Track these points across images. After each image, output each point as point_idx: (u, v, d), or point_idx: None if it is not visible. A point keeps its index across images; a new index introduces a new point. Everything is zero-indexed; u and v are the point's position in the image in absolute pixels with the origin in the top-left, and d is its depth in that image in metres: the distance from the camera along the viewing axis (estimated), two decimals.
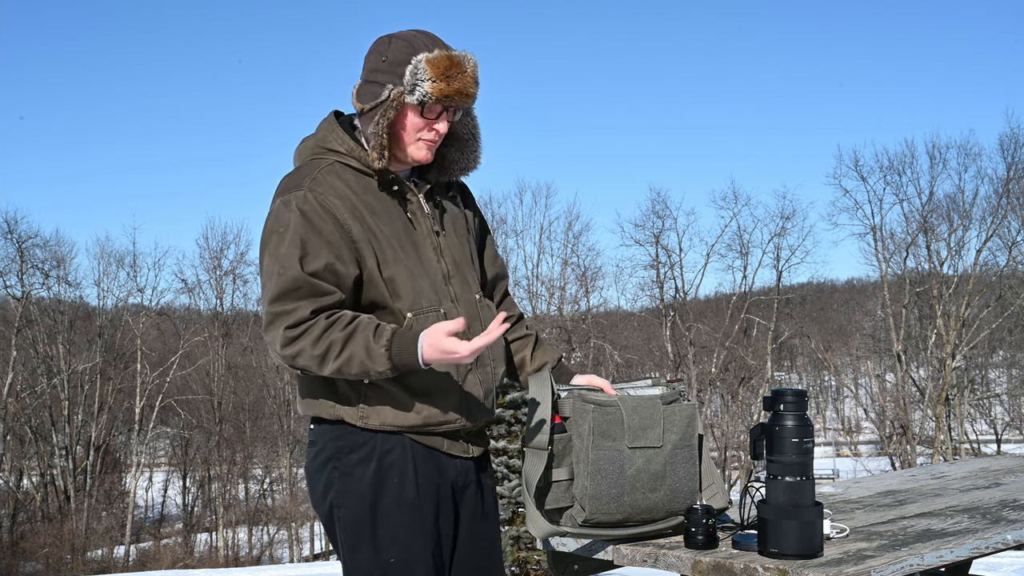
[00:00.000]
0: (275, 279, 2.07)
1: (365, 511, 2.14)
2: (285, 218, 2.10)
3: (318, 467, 2.20)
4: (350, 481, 2.15)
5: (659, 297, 35.50)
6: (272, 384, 37.29)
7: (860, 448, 49.16)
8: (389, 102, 2.14)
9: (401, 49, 2.15)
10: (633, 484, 2.24)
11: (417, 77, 2.12)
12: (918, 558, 2.08)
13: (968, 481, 3.28)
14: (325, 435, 2.19)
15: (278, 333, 2.05)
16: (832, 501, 2.93)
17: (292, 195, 2.12)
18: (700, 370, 34.39)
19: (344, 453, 2.16)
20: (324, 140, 2.22)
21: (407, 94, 2.13)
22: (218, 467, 35.31)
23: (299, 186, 2.13)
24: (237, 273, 38.61)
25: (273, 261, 2.08)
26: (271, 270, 2.08)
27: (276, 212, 2.13)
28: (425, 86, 2.12)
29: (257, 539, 35.14)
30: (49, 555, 27.72)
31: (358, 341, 2.04)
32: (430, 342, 2.04)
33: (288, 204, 2.11)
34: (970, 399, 34.45)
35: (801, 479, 2.06)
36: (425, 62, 2.11)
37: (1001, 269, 31.71)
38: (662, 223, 36.34)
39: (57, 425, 33.40)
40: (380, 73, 2.16)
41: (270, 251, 2.10)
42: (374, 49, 2.21)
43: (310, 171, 2.16)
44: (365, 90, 2.18)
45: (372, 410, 2.14)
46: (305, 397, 2.23)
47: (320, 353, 2.03)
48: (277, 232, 2.10)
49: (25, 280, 33.93)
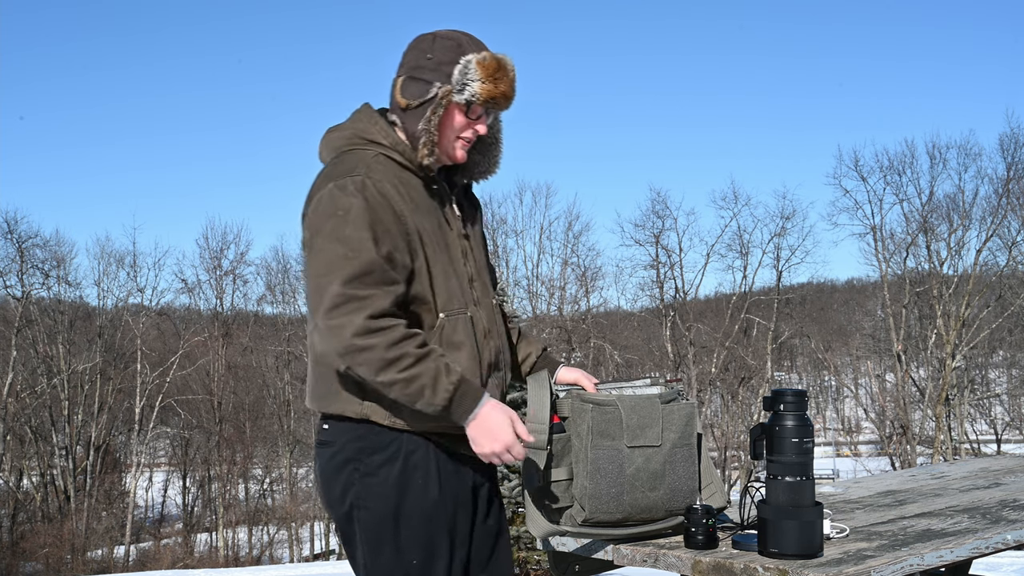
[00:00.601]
0: (346, 261, 2.00)
1: (389, 512, 2.11)
2: (345, 202, 2.04)
3: (335, 468, 2.16)
4: (373, 482, 2.12)
5: (659, 297, 35.52)
6: (272, 384, 37.31)
7: (860, 448, 49.16)
8: (438, 100, 2.13)
9: (448, 48, 2.15)
10: (632, 483, 2.23)
11: (467, 77, 2.13)
12: (918, 558, 2.08)
13: (968, 481, 3.27)
14: (344, 435, 2.15)
15: (356, 319, 1.98)
16: (832, 501, 2.93)
17: (348, 180, 2.06)
18: (700, 370, 34.39)
19: (367, 454, 2.12)
20: (365, 131, 2.18)
21: (455, 93, 2.14)
22: (218, 467, 35.32)
23: (354, 172, 2.08)
24: (237, 273, 38.69)
25: (338, 243, 2.02)
26: (337, 252, 2.01)
27: (331, 196, 2.06)
28: (474, 86, 2.13)
29: (257, 539, 35.15)
30: (49, 555, 27.72)
31: (429, 365, 2.01)
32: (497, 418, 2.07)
33: (345, 188, 2.05)
34: (970, 399, 34.45)
35: (801, 479, 2.06)
36: (476, 63, 2.13)
37: (1001, 269, 31.72)
38: (662, 223, 36.43)
39: (57, 425, 33.40)
40: (426, 71, 2.15)
41: (329, 233, 2.03)
42: (415, 46, 2.20)
43: (361, 158, 2.13)
44: (410, 86, 2.16)
45: (404, 411, 2.11)
46: (324, 393, 2.16)
47: (391, 358, 1.98)
48: (336, 216, 2.03)
49: (25, 280, 33.98)
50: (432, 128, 2.14)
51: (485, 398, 2.07)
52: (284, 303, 39.53)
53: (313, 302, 2.04)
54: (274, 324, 39.71)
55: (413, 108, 2.15)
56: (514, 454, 2.07)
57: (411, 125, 2.16)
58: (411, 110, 2.16)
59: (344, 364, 2.02)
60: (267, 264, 41.60)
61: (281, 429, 36.24)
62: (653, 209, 37.18)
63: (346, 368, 2.02)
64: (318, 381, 2.17)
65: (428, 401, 2.02)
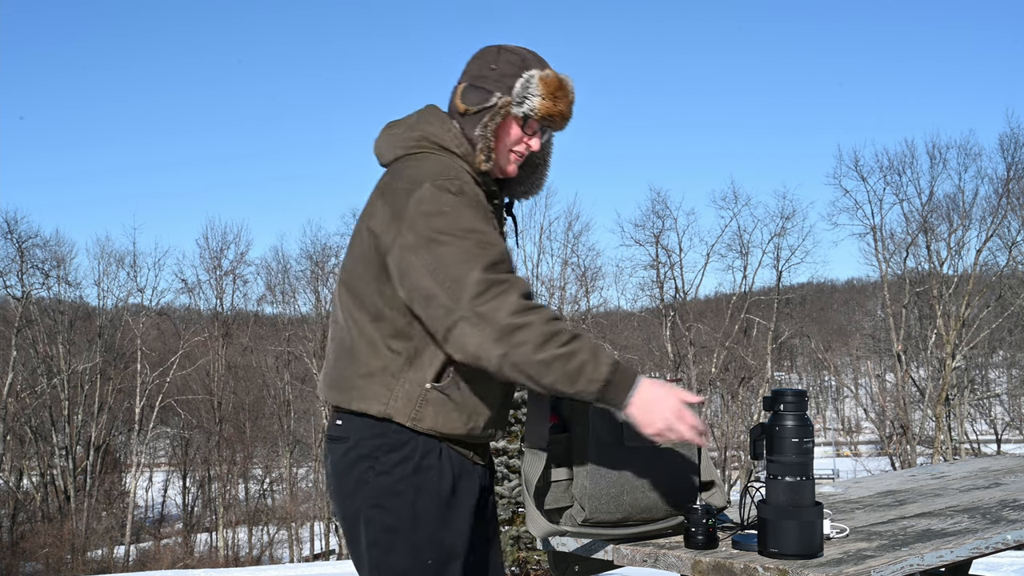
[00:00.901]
0: (480, 250, 1.99)
1: (404, 511, 2.10)
2: (449, 200, 2.04)
3: (349, 464, 2.14)
4: (389, 481, 2.10)
5: (659, 297, 35.52)
6: (272, 384, 37.32)
7: (860, 448, 49.18)
8: (496, 108, 2.17)
9: (512, 62, 2.19)
10: (632, 483, 2.24)
11: (528, 91, 2.17)
12: (918, 558, 2.08)
13: (968, 481, 3.27)
14: (360, 431, 2.13)
15: (509, 299, 1.96)
16: (832, 501, 2.93)
17: (448, 181, 2.07)
18: (700, 370, 34.40)
19: (383, 452, 2.11)
20: (436, 136, 2.19)
21: (514, 105, 2.17)
22: (218, 467, 35.32)
23: (449, 175, 2.09)
24: (237, 273, 38.68)
25: (463, 237, 2.00)
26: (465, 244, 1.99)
27: (435, 196, 2.04)
28: (534, 101, 2.17)
29: (257, 539, 35.15)
30: (49, 555, 27.72)
31: (585, 341, 1.98)
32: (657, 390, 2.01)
33: (447, 188, 2.05)
34: (970, 399, 34.45)
35: (801, 479, 2.06)
36: (538, 78, 2.17)
37: (1001, 269, 31.72)
38: (662, 223, 36.40)
39: (57, 425, 33.40)
40: (489, 81, 2.18)
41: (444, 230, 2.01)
42: (480, 56, 2.23)
43: (448, 164, 2.14)
44: (470, 94, 2.19)
45: (426, 413, 2.10)
46: (347, 387, 2.14)
47: (550, 332, 1.94)
48: (443, 213, 2.02)
49: (25, 280, 33.99)
50: (489, 134, 2.17)
51: (639, 379, 2.02)
52: (284, 303, 39.55)
53: (449, 296, 1.98)
54: (274, 324, 39.70)
55: (472, 114, 2.19)
56: (688, 422, 2.01)
57: (469, 130, 2.19)
58: (469, 115, 2.19)
59: (500, 349, 1.94)
60: (267, 264, 41.60)
61: (281, 429, 36.24)
62: (653, 209, 37.21)
63: (501, 355, 1.94)
64: (344, 375, 2.15)
65: (590, 376, 1.96)
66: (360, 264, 2.13)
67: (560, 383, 1.97)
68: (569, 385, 1.97)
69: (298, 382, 36.85)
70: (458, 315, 1.97)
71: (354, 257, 2.16)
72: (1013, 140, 31.87)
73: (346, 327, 2.16)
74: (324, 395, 2.22)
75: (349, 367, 2.14)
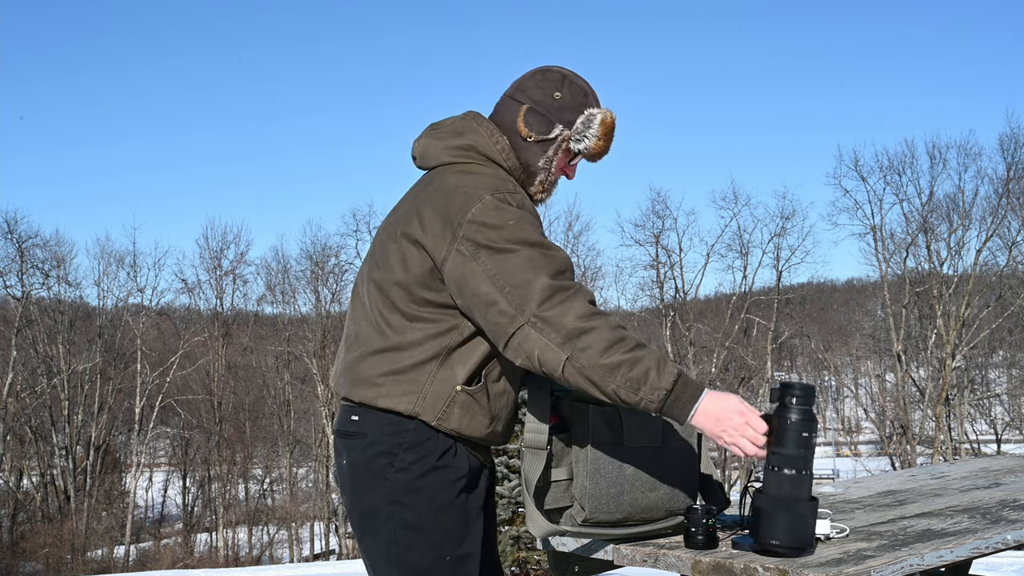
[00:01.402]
0: (546, 259, 2.02)
1: (424, 508, 2.12)
2: (513, 212, 2.06)
3: (367, 460, 2.15)
4: (407, 478, 2.12)
5: (659, 297, 35.53)
6: (272, 384, 37.33)
7: (860, 448, 49.19)
8: (559, 142, 2.22)
9: (576, 95, 2.23)
10: (632, 483, 2.24)
11: (589, 131, 2.22)
12: (918, 558, 2.08)
13: (968, 481, 3.27)
14: (380, 427, 2.15)
15: (576, 304, 1.98)
16: (832, 501, 2.93)
17: (508, 195, 2.09)
18: (700, 370, 34.40)
19: (402, 449, 2.13)
20: (484, 147, 2.21)
21: (572, 141, 2.22)
22: (218, 467, 35.33)
23: (507, 187, 2.12)
24: (237, 273, 38.70)
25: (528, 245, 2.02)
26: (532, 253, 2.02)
27: (497, 206, 2.06)
28: (591, 141, 2.22)
29: (257, 539, 35.17)
30: (49, 555, 27.73)
31: (651, 348, 2.00)
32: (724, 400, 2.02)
33: (508, 200, 2.08)
34: (970, 399, 34.45)
35: (801, 473, 2.06)
36: (599, 119, 2.22)
37: (1001, 269, 31.73)
38: (662, 223, 36.48)
39: (57, 425, 33.41)
40: (552, 110, 2.21)
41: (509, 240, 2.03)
42: (544, 79, 2.25)
43: (505, 176, 2.19)
44: (533, 119, 2.22)
45: (452, 414, 2.13)
46: (373, 385, 2.15)
47: (616, 338, 1.95)
48: (508, 225, 2.04)
49: (25, 280, 34.01)
50: (553, 168, 2.23)
51: (705, 392, 2.03)
52: (284, 303, 39.55)
53: (514, 303, 1.98)
54: (274, 324, 39.71)
55: (533, 141, 2.22)
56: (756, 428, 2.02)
57: (527, 157, 2.23)
58: (529, 142, 2.22)
59: (565, 353, 1.95)
60: (267, 264, 41.66)
61: (281, 429, 36.25)
62: (653, 209, 37.26)
63: (565, 360, 1.95)
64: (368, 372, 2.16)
65: (653, 384, 1.95)
66: (397, 268, 2.13)
67: (623, 390, 1.96)
68: (633, 392, 1.96)
69: (298, 382, 36.85)
70: (522, 320, 1.98)
71: (388, 259, 2.16)
72: (1013, 140, 31.98)
73: (376, 326, 2.16)
74: (345, 391, 2.21)
75: (377, 365, 2.15)
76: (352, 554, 29.67)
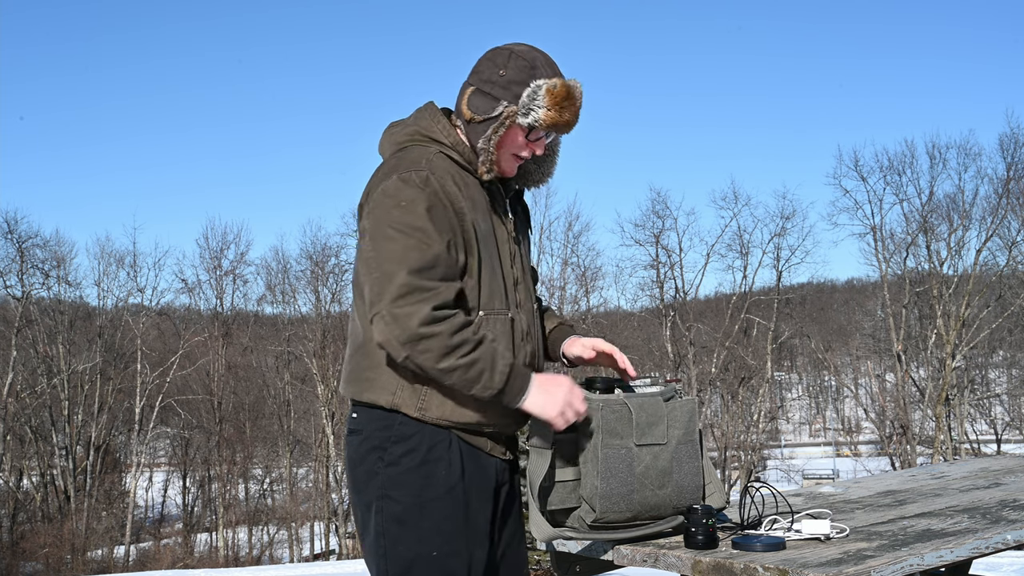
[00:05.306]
0: (414, 252, 2.04)
1: (411, 502, 2.12)
2: (409, 194, 2.07)
3: (362, 455, 2.18)
4: (397, 471, 2.13)
5: (659, 297, 35.50)
6: (272, 384, 37.30)
7: (860, 448, 49.15)
8: (502, 119, 2.17)
9: (521, 68, 2.17)
10: (642, 481, 2.23)
11: (534, 102, 2.15)
12: (918, 558, 2.08)
13: (968, 481, 3.27)
14: (372, 423, 2.17)
15: (421, 309, 2.01)
16: (832, 501, 2.93)
17: (413, 173, 2.09)
18: (700, 370, 34.39)
19: (391, 443, 2.14)
20: (427, 129, 2.22)
21: (519, 115, 2.17)
22: (218, 467, 35.31)
23: (417, 166, 2.11)
24: (237, 273, 38.66)
25: (405, 234, 2.05)
26: (405, 243, 2.04)
27: (396, 188, 2.08)
28: (539, 113, 2.15)
29: (257, 539, 35.16)
30: (49, 555, 27.72)
31: (486, 349, 2.06)
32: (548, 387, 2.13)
33: (409, 181, 2.08)
34: (970, 399, 34.42)
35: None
36: (545, 89, 2.15)
37: (1001, 269, 31.70)
38: (662, 223, 36.38)
39: (57, 425, 33.39)
40: (496, 87, 2.18)
41: (393, 223, 2.06)
42: (490, 58, 2.21)
43: (423, 154, 2.15)
44: (477, 100, 2.19)
45: (432, 403, 2.14)
46: (359, 380, 2.19)
47: (453, 345, 2.02)
48: (399, 206, 2.06)
49: (25, 280, 33.97)
50: (491, 147, 2.18)
51: (534, 375, 2.14)
52: (284, 303, 39.52)
53: (375, 290, 2.05)
54: (274, 324, 39.68)
55: (477, 122, 2.19)
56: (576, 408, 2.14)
57: (472, 137, 2.21)
58: (474, 123, 2.19)
59: (405, 352, 2.03)
60: (267, 264, 41.60)
61: (281, 429, 36.23)
62: (653, 209, 37.18)
63: (405, 357, 2.03)
64: (356, 368, 2.20)
65: (486, 384, 2.06)
66: (359, 259, 2.17)
67: (458, 386, 2.08)
68: (467, 389, 2.08)
69: (298, 382, 36.83)
70: (376, 311, 2.04)
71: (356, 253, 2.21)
72: (1013, 140, 31.85)
73: (357, 322, 2.21)
74: (341, 389, 2.26)
75: (361, 360, 2.19)
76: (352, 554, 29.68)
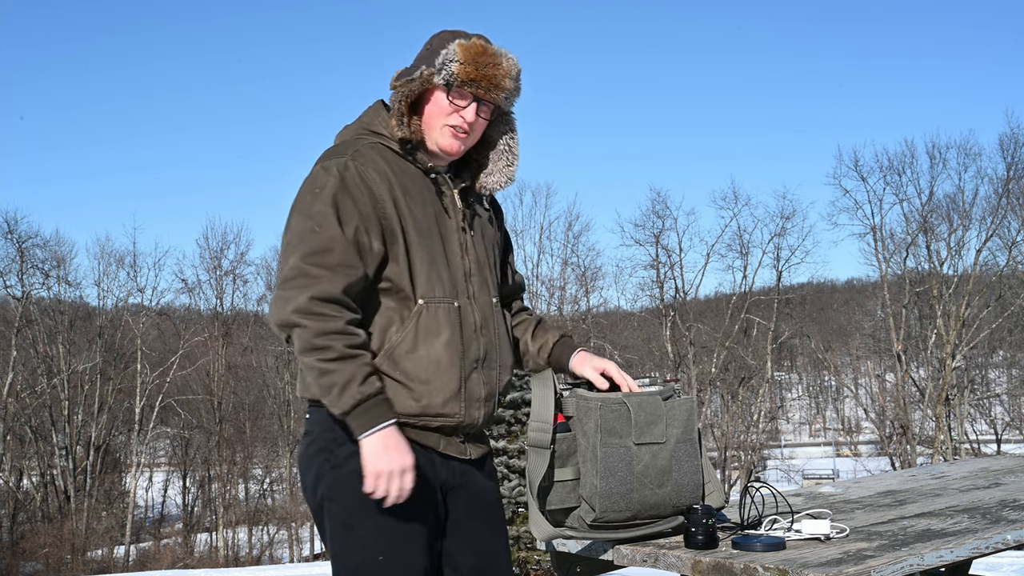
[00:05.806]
0: (309, 236, 2.06)
1: (355, 506, 2.09)
2: (323, 180, 2.12)
3: (309, 457, 2.17)
4: (341, 474, 2.10)
5: (659, 297, 35.50)
6: (272, 384, 37.29)
7: (860, 448, 49.15)
8: (417, 79, 2.17)
9: (445, 39, 2.20)
10: (641, 481, 2.23)
11: (447, 58, 2.16)
12: (918, 558, 2.08)
13: (968, 481, 3.27)
14: (320, 424, 2.15)
15: (300, 295, 2.03)
16: (832, 501, 2.93)
17: (333, 161, 2.14)
18: (700, 370, 34.38)
19: (337, 444, 2.12)
20: (368, 123, 2.25)
21: (436, 75, 2.17)
22: (218, 467, 35.31)
23: (342, 154, 2.15)
24: (237, 273, 38.69)
25: (305, 219, 2.09)
26: (304, 227, 2.08)
27: (314, 175, 2.14)
28: (452, 67, 2.15)
29: (257, 539, 35.14)
30: (49, 555, 27.71)
31: (348, 367, 2.02)
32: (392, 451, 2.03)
33: (328, 169, 2.13)
34: (970, 399, 34.41)
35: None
36: (457, 45, 2.16)
37: (1001, 269, 31.70)
38: (662, 223, 36.40)
39: (57, 425, 33.39)
40: (421, 58, 2.22)
41: (301, 209, 2.11)
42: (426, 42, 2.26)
43: (353, 144, 2.20)
44: (403, 73, 2.22)
45: None
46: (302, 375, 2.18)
47: (317, 345, 2.01)
48: (312, 192, 2.11)
49: (25, 280, 33.97)
50: (400, 98, 2.18)
51: (389, 424, 2.05)
52: None
53: (280, 270, 2.12)
54: None
55: (398, 87, 2.19)
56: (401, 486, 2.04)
57: None
58: (397, 91, 2.19)
59: (282, 335, 2.08)
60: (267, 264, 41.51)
61: (281, 429, 36.21)
62: (653, 209, 37.20)
63: (285, 338, 2.08)
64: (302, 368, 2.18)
65: (332, 401, 2.04)
66: None
67: (314, 387, 2.08)
68: (320, 395, 2.07)
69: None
70: (276, 287, 2.11)
71: None
72: (1013, 140, 31.89)
73: None
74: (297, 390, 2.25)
75: None
76: None
